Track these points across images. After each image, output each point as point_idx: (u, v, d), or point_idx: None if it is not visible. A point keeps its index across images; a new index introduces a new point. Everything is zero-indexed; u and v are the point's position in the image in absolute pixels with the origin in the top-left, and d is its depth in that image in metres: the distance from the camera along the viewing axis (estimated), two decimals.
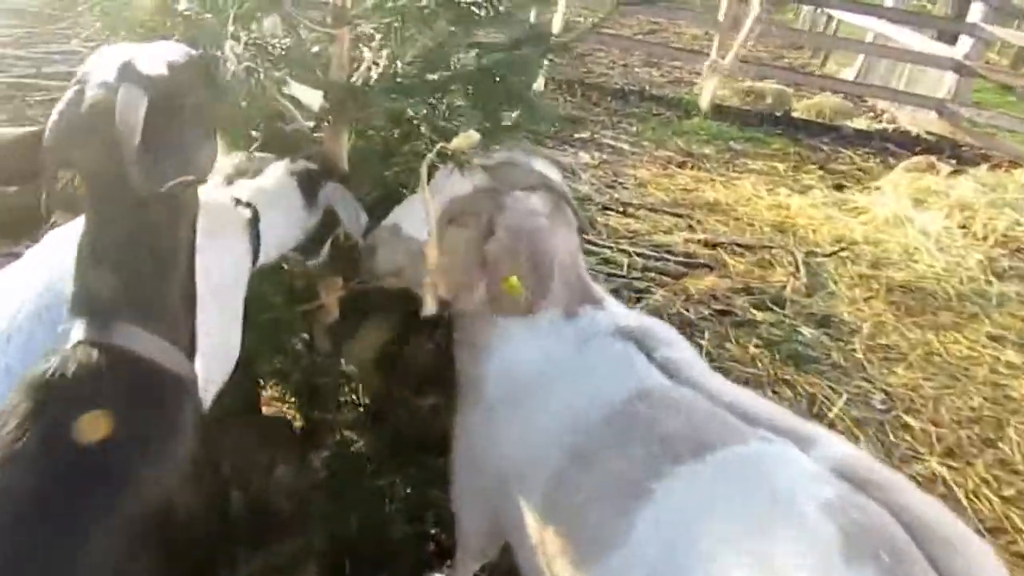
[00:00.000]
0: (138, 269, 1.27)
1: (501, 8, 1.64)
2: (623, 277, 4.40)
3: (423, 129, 1.64)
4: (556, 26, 2.12)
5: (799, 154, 7.63)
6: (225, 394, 1.63)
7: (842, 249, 5.20)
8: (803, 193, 6.40)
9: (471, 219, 1.86)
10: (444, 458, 2.79)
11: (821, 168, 7.32)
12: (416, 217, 1.83)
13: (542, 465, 1.67)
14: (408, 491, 2.57)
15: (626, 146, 7.20)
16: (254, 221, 1.68)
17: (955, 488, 3.12)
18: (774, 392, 3.57)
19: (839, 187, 6.84)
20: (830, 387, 3.67)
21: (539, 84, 2.29)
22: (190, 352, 1.34)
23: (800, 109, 9.21)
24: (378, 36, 1.97)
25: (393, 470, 2.61)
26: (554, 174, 1.89)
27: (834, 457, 1.39)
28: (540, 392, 1.76)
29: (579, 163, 6.39)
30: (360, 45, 2.09)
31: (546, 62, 1.95)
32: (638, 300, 4.16)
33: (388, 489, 2.50)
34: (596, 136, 7.37)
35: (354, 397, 2.66)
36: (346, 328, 2.22)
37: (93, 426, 1.12)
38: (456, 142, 1.46)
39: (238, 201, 1.70)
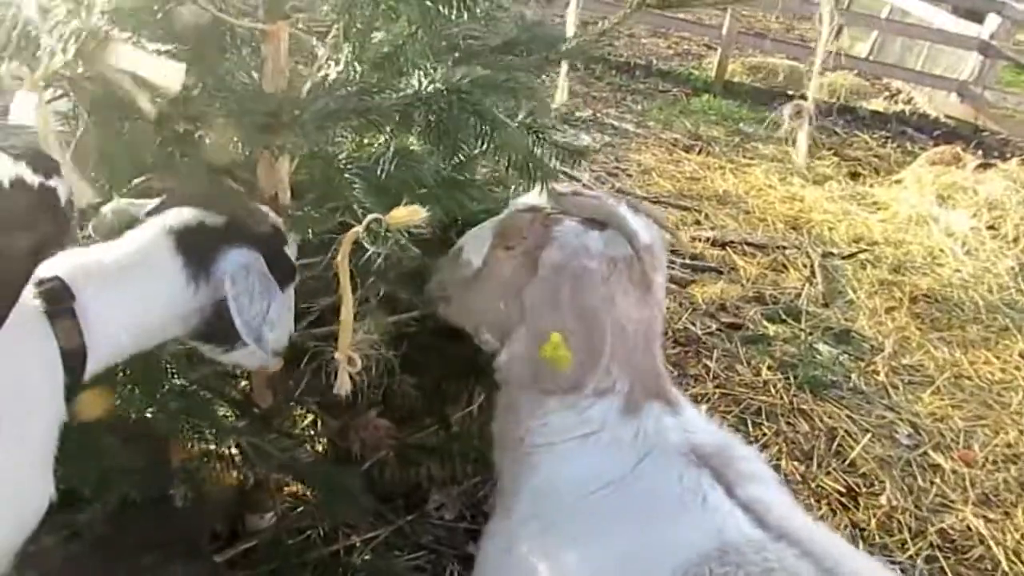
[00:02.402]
0: None
1: (478, 8, 1.21)
2: None
3: (349, 176, 1.22)
4: (570, 27, 1.70)
5: (813, 138, 7.18)
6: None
7: (861, 251, 4.81)
8: (818, 184, 5.99)
9: (519, 244, 1.53)
10: (415, 513, 2.46)
11: (836, 154, 6.89)
12: (479, 239, 1.60)
13: None
14: (368, 558, 2.21)
15: (631, 127, 6.76)
16: (58, 312, 1.15)
17: (993, 547, 2.76)
18: (788, 424, 3.21)
19: (855, 175, 6.44)
20: (850, 417, 3.31)
21: (562, 95, 1.86)
22: None
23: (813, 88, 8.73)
24: (330, 36, 1.57)
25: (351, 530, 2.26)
26: (646, 230, 1.50)
27: None
28: (582, 517, 1.34)
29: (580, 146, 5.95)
30: (317, 43, 1.68)
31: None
32: None
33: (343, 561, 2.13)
34: (599, 115, 6.92)
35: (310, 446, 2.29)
36: (294, 376, 1.83)
37: None
38: (395, 215, 1.07)
39: (41, 283, 1.16)
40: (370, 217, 1.06)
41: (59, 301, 1.16)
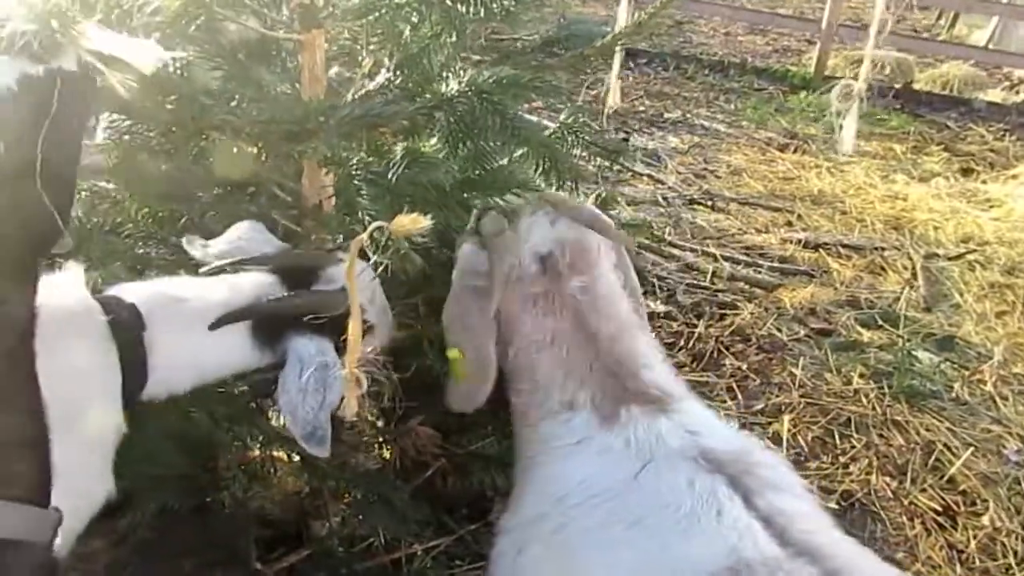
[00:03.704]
0: None
1: (494, 6, 1.18)
2: (706, 288, 3.86)
3: (357, 181, 1.21)
4: (620, 21, 1.64)
5: (921, 133, 6.78)
6: None
7: (970, 251, 4.49)
8: (924, 181, 5.64)
9: None
10: (479, 523, 2.43)
11: (946, 149, 6.48)
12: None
13: None
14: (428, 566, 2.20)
15: (722, 127, 6.56)
16: (124, 341, 1.21)
17: None
18: (881, 436, 3.01)
19: (967, 171, 6.03)
20: (950, 430, 3.07)
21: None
22: (37, 499, 0.97)
23: (923, 80, 8.26)
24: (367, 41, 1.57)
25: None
26: (555, 241, 1.51)
27: None
28: (590, 524, 1.29)
29: (666, 149, 5.82)
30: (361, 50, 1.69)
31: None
32: (722, 317, 3.63)
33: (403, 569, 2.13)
34: (689, 116, 6.75)
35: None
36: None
37: None
38: (398, 223, 1.05)
39: (114, 309, 1.22)
40: (373, 226, 1.05)
41: (128, 330, 1.24)
